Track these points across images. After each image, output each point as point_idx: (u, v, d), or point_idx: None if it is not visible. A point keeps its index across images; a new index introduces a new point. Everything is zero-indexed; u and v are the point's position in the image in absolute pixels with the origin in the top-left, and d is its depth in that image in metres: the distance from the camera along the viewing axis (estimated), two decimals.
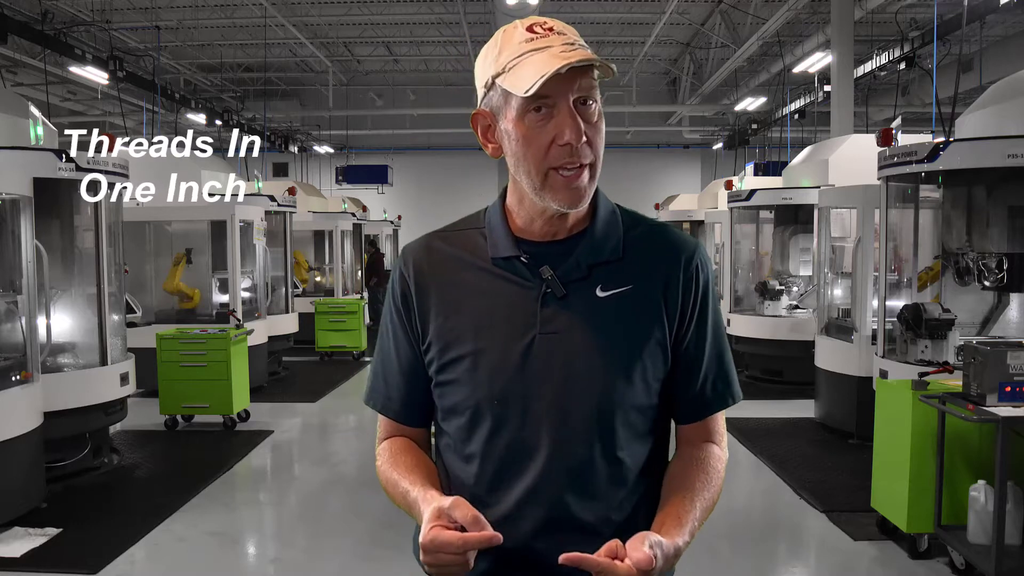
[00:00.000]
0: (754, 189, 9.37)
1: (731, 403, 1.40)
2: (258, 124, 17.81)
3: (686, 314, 1.33)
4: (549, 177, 1.25)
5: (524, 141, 1.24)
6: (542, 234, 1.33)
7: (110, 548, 4.46)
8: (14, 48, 11.81)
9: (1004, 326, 5.64)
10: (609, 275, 1.31)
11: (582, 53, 1.21)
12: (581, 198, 1.27)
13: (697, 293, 1.33)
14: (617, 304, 1.30)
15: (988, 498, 3.84)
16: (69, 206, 6.12)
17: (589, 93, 1.24)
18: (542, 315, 1.29)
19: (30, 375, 4.99)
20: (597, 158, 1.27)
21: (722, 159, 20.03)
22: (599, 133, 1.27)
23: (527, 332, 1.29)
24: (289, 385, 9.55)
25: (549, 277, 1.29)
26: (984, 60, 11.45)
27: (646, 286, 1.31)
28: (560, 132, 1.22)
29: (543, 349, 1.28)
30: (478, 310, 1.31)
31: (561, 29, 1.25)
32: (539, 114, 1.23)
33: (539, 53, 1.21)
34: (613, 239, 1.33)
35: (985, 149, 4.83)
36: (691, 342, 1.34)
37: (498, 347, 1.29)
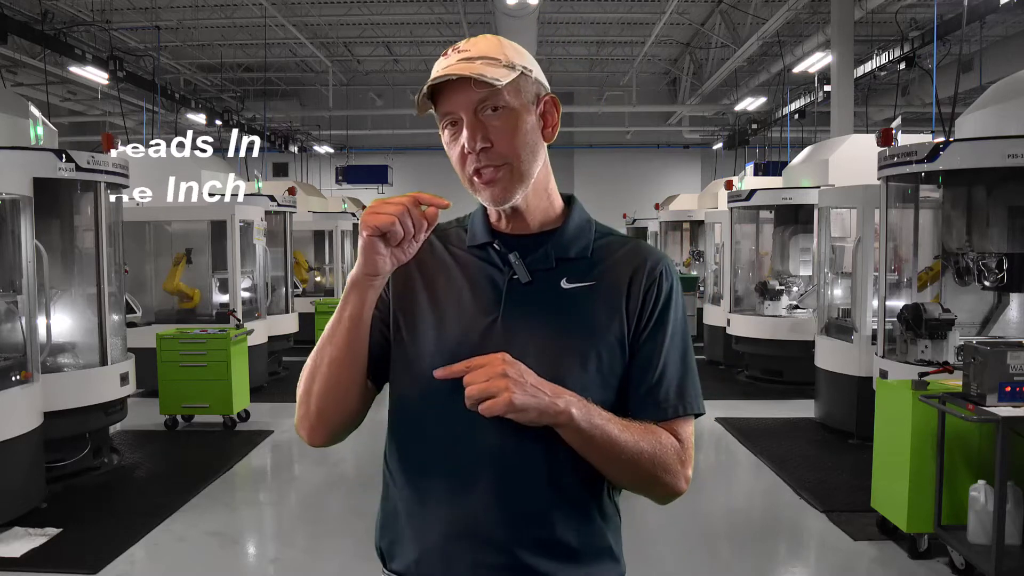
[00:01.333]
0: (754, 189, 9.38)
1: (684, 412, 1.38)
2: (258, 124, 17.81)
3: (644, 315, 1.37)
4: (472, 182, 1.36)
5: (449, 153, 1.37)
6: (513, 229, 1.41)
7: (110, 548, 4.46)
8: (14, 48, 11.81)
9: (1004, 326, 5.65)
10: (575, 270, 1.38)
11: (457, 67, 1.30)
12: (503, 195, 1.35)
13: (659, 298, 1.38)
14: (580, 296, 1.36)
15: (988, 498, 3.84)
16: (69, 206, 6.12)
17: (490, 100, 1.31)
18: (506, 299, 1.36)
19: (30, 375, 4.99)
20: (513, 156, 1.33)
21: (722, 159, 20.04)
22: (512, 135, 1.33)
23: (490, 313, 1.36)
24: (289, 385, 9.46)
25: (516, 263, 1.37)
26: (984, 60, 11.46)
27: (609, 284, 1.37)
28: (463, 143, 1.33)
29: (503, 330, 1.34)
30: (447, 289, 1.40)
31: (467, 47, 1.35)
32: (453, 128, 1.35)
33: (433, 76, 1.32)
34: (583, 241, 1.41)
35: (985, 149, 4.83)
36: (648, 343, 1.37)
37: (461, 324, 1.36)
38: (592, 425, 1.27)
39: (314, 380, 1.37)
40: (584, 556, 1.36)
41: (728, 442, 6.83)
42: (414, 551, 1.37)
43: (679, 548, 4.52)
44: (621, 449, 1.30)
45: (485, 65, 1.30)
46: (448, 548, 1.34)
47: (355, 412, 1.43)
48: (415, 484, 1.38)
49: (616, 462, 1.31)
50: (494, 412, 1.20)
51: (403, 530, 1.39)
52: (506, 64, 1.32)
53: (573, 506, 1.35)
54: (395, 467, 1.42)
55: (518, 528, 1.32)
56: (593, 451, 1.30)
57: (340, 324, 1.34)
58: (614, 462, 1.31)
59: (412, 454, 1.39)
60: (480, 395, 1.21)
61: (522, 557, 1.32)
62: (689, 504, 5.19)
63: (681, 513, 4.93)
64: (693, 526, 4.84)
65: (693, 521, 4.91)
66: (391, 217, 1.23)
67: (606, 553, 1.39)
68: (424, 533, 1.36)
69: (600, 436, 1.28)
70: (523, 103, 1.35)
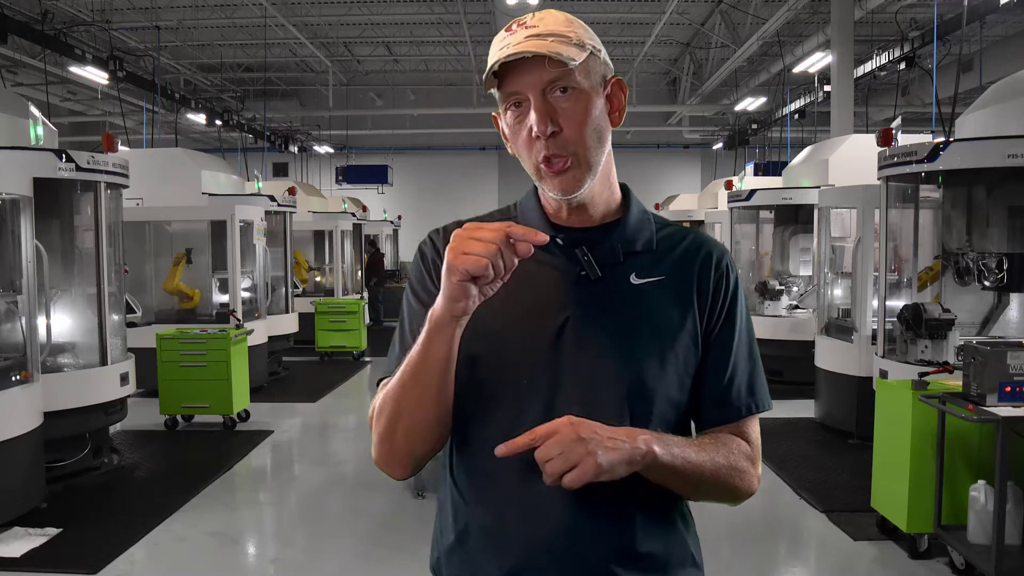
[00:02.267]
0: (754, 189, 9.38)
1: (756, 410, 1.34)
2: (258, 124, 17.81)
3: (715, 311, 1.32)
4: (539, 170, 1.26)
5: (511, 139, 1.28)
6: (573, 222, 1.32)
7: (110, 548, 4.46)
8: (14, 48, 11.81)
9: (1004, 326, 5.65)
10: (643, 265, 1.30)
11: (529, 44, 1.19)
12: (573, 186, 1.26)
13: (727, 292, 1.33)
14: (651, 292, 1.29)
15: (988, 498, 3.84)
16: (69, 206, 6.12)
17: (561, 80, 1.22)
18: (576, 297, 1.27)
19: (30, 375, 4.99)
20: (580, 144, 1.24)
21: (722, 159, 20.03)
22: (581, 120, 1.24)
23: (560, 313, 1.27)
24: (289, 385, 9.55)
25: (585, 259, 1.28)
26: (984, 60, 11.45)
27: (679, 278, 1.31)
28: (530, 126, 1.23)
29: (574, 331, 1.26)
30: (510, 289, 1.22)
31: (535, 21, 1.25)
32: (517, 110, 1.25)
33: (500, 52, 1.21)
34: (647, 232, 1.34)
35: (985, 149, 4.83)
36: (719, 341, 1.32)
37: (529, 327, 1.27)
38: (673, 456, 1.21)
39: (398, 420, 1.25)
40: (671, 565, 1.31)
41: None
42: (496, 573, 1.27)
43: None
44: (702, 471, 1.25)
45: (557, 43, 1.21)
46: (534, 568, 1.25)
47: (445, 438, 1.32)
48: (491, 503, 1.29)
49: (696, 484, 1.27)
50: (583, 482, 1.11)
51: (478, 552, 1.29)
52: (576, 42, 1.23)
53: (655, 515, 1.30)
54: (466, 485, 1.32)
55: (604, 542, 1.25)
56: (675, 479, 1.24)
57: (427, 366, 1.20)
58: (694, 484, 1.27)
59: (487, 473, 1.29)
60: (562, 469, 1.11)
61: (613, 570, 1.25)
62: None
63: None
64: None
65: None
66: (483, 260, 1.10)
67: (689, 560, 1.35)
68: (504, 554, 1.26)
69: (682, 464, 1.22)
70: (592, 85, 1.25)
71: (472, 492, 1.31)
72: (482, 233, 1.11)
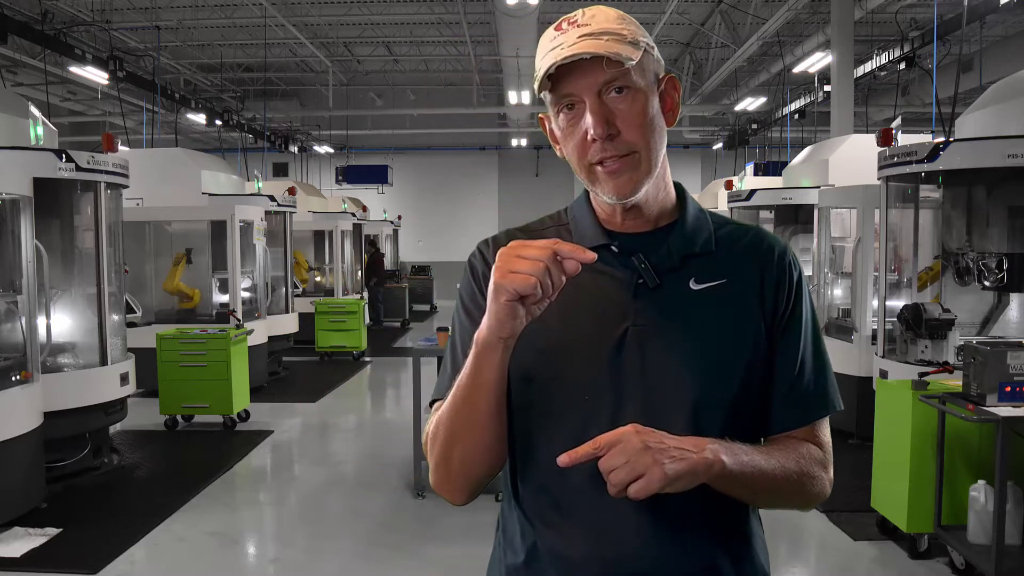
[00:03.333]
0: (754, 189, 9.37)
1: (832, 410, 1.29)
2: (258, 124, 17.81)
3: (779, 311, 1.26)
4: (592, 172, 1.22)
5: (564, 142, 1.24)
6: (628, 226, 1.28)
7: (110, 548, 4.46)
8: (14, 48, 11.81)
9: (1004, 326, 5.65)
10: (702, 268, 1.25)
11: (585, 45, 1.15)
12: (629, 188, 1.21)
13: (791, 290, 1.27)
14: (713, 298, 1.23)
15: (988, 498, 3.84)
16: (69, 206, 6.13)
17: (620, 80, 1.18)
18: (635, 306, 1.23)
19: (30, 375, 4.99)
20: (642, 145, 1.20)
21: (722, 159, 20.03)
22: (642, 119, 1.20)
23: (619, 324, 1.22)
24: (289, 385, 9.55)
25: (643, 266, 1.24)
26: (984, 60, 11.45)
27: (741, 280, 1.25)
28: (585, 129, 1.19)
29: (636, 342, 1.21)
30: (565, 301, 1.16)
31: (586, 19, 1.20)
32: (571, 112, 1.20)
33: (553, 52, 1.17)
34: (704, 233, 1.28)
35: (985, 149, 4.83)
36: (785, 341, 1.26)
37: (588, 340, 1.22)
38: (742, 464, 1.15)
39: (453, 446, 1.21)
40: None
41: None
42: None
43: None
44: (771, 479, 1.19)
45: (613, 42, 1.16)
46: None
47: (503, 459, 1.27)
48: (560, 524, 1.24)
49: (766, 492, 1.21)
50: (649, 492, 1.06)
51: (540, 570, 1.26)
52: (631, 40, 1.18)
53: (730, 529, 1.26)
54: (531, 506, 1.27)
55: (678, 563, 1.21)
56: (744, 489, 1.19)
57: (478, 389, 1.16)
58: (764, 492, 1.21)
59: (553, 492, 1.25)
60: (627, 479, 1.06)
61: None
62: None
63: None
64: None
65: None
66: (531, 279, 1.05)
67: (761, 572, 1.30)
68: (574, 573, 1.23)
69: (751, 473, 1.17)
70: (647, 83, 1.21)
71: (538, 513, 1.27)
72: (528, 251, 1.07)
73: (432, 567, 4.40)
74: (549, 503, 1.25)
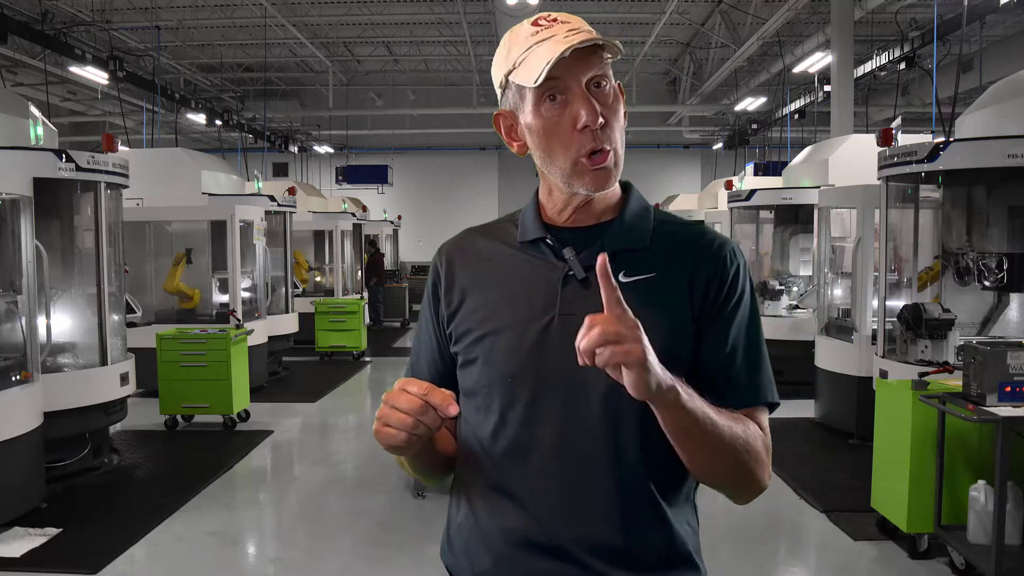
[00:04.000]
0: (754, 189, 9.38)
1: (763, 400, 1.31)
2: (258, 124, 17.81)
3: (711, 301, 1.30)
4: (577, 164, 1.26)
5: (546, 132, 1.27)
6: (570, 222, 1.34)
7: (110, 548, 4.46)
8: (14, 48, 11.81)
9: (1004, 326, 5.65)
10: (634, 262, 1.30)
11: (586, 35, 1.22)
12: (608, 180, 1.28)
13: (726, 284, 1.30)
14: (639, 290, 1.27)
15: (988, 498, 3.84)
16: (69, 206, 6.12)
17: (601, 75, 1.25)
18: (562, 296, 1.29)
19: (30, 375, 4.99)
20: (617, 140, 1.28)
21: (722, 159, 20.03)
22: (616, 115, 1.27)
23: (546, 313, 1.29)
24: (289, 385, 9.55)
25: (571, 258, 1.30)
26: (984, 60, 11.45)
27: (671, 274, 1.30)
28: (577, 117, 1.23)
29: (560, 330, 1.27)
30: (501, 291, 1.33)
31: (566, 18, 1.27)
32: (555, 102, 1.24)
33: (544, 43, 1.22)
34: (641, 229, 1.34)
35: (985, 149, 4.83)
36: (716, 330, 1.30)
37: (517, 326, 1.30)
38: (695, 402, 1.17)
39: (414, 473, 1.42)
40: (663, 565, 1.30)
41: None
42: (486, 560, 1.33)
43: None
44: (720, 434, 1.20)
45: (598, 35, 1.23)
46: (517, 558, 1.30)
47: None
48: (483, 494, 1.34)
49: (714, 449, 1.22)
50: (630, 359, 1.06)
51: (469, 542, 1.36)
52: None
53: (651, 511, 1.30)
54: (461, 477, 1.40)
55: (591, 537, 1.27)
56: (692, 437, 1.20)
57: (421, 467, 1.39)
58: (711, 449, 1.22)
59: (479, 464, 1.35)
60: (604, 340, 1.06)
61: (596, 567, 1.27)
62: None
63: None
64: None
65: None
66: (401, 435, 1.18)
67: (684, 561, 1.33)
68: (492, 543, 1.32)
69: (702, 416, 1.18)
70: (614, 82, 1.29)
71: (465, 483, 1.39)
72: (400, 402, 1.17)
73: (432, 567, 4.37)
74: (473, 476, 1.36)
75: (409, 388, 1.18)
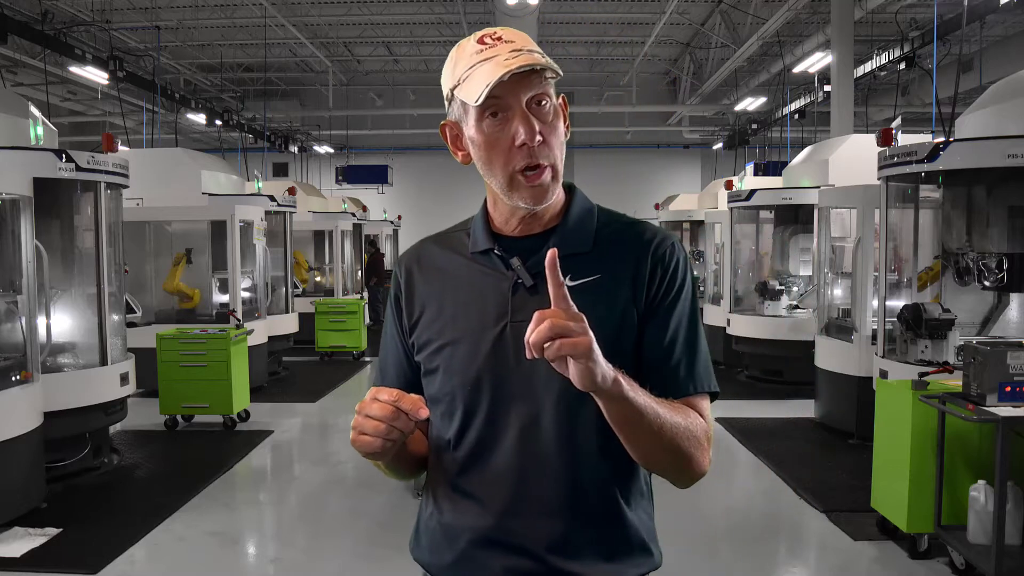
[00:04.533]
0: (754, 189, 9.37)
1: (701, 389, 1.37)
2: (258, 124, 17.81)
3: (652, 296, 1.36)
4: (514, 179, 1.32)
5: (486, 147, 1.32)
6: (518, 231, 1.40)
7: (110, 548, 4.46)
8: (14, 48, 11.81)
9: (1004, 326, 5.64)
10: (579, 266, 1.35)
11: (526, 58, 1.26)
12: (545, 196, 1.33)
13: (666, 278, 1.37)
14: (585, 293, 1.32)
15: (988, 498, 3.84)
16: (69, 206, 6.12)
17: (541, 94, 1.30)
18: (512, 304, 1.35)
19: (30, 375, 4.99)
20: (556, 157, 1.33)
21: (722, 159, 20.03)
22: (555, 132, 1.33)
23: (499, 321, 1.36)
24: (289, 385, 9.55)
25: (518, 267, 1.36)
26: (984, 60, 11.46)
27: (614, 275, 1.36)
28: (515, 134, 1.29)
29: (513, 337, 1.33)
30: (456, 302, 1.40)
31: (510, 37, 1.32)
32: (496, 119, 1.30)
33: (487, 63, 1.27)
34: (584, 233, 1.40)
35: (985, 149, 4.83)
36: (657, 322, 1.36)
37: (473, 336, 1.37)
38: (636, 393, 1.23)
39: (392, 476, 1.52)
40: (617, 555, 1.37)
41: (728, 442, 6.83)
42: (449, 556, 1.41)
43: (679, 548, 4.50)
44: (662, 423, 1.26)
45: (542, 59, 1.28)
46: (478, 556, 1.37)
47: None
48: (446, 494, 1.43)
49: (657, 438, 1.27)
50: (577, 351, 1.11)
51: (436, 540, 1.45)
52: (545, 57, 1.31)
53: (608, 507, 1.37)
54: (430, 476, 1.49)
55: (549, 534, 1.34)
56: (636, 427, 1.25)
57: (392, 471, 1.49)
58: (654, 438, 1.27)
59: (447, 465, 1.43)
60: (552, 333, 1.10)
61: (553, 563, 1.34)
62: (689, 504, 5.19)
63: (681, 513, 4.93)
64: (693, 526, 4.84)
65: (693, 521, 4.91)
66: (376, 442, 1.24)
67: (638, 548, 1.39)
68: (455, 541, 1.40)
69: (644, 406, 1.23)
70: (555, 100, 1.34)
71: (432, 482, 1.48)
72: (374, 410, 1.24)
73: None
74: (439, 476, 1.44)
75: (380, 396, 1.24)
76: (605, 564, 1.35)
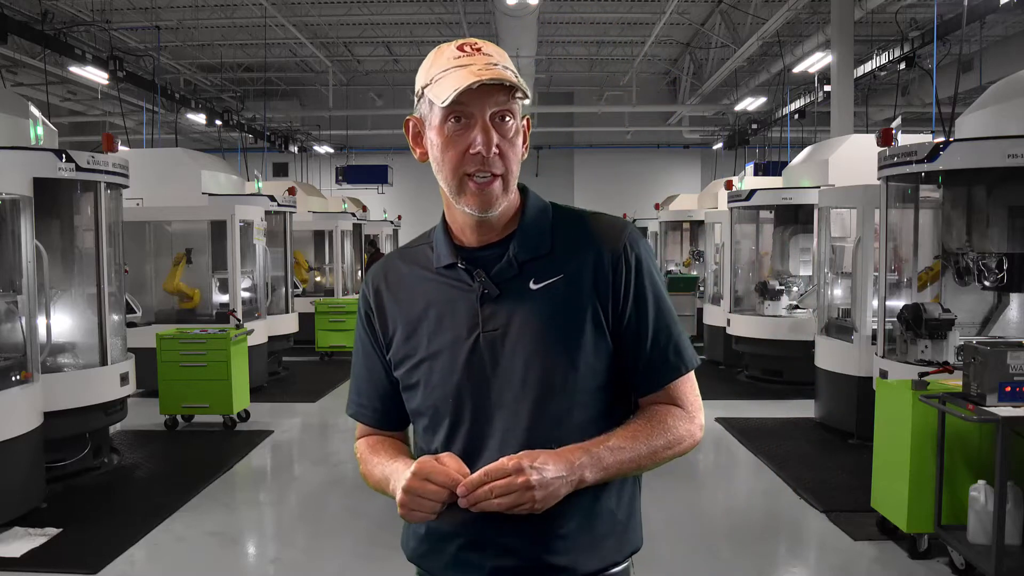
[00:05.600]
0: (754, 189, 9.38)
1: (684, 371, 1.44)
2: (258, 124, 17.80)
3: (620, 292, 1.39)
4: (463, 182, 1.36)
5: (443, 147, 1.36)
6: (477, 240, 1.43)
7: (110, 548, 4.46)
8: (14, 48, 11.81)
9: (1004, 326, 5.64)
10: (541, 269, 1.39)
11: (498, 73, 1.31)
12: (491, 205, 1.36)
13: (629, 270, 1.40)
14: (549, 294, 1.38)
15: (988, 498, 3.84)
16: (69, 206, 6.12)
17: (506, 110, 1.35)
18: (482, 314, 1.39)
19: (30, 375, 4.99)
20: (509, 170, 1.36)
21: (722, 159, 20.02)
22: (513, 148, 1.37)
23: (471, 332, 1.39)
24: (289, 385, 9.55)
25: (483, 279, 1.40)
26: (984, 60, 11.46)
27: (576, 273, 1.39)
28: (473, 142, 1.33)
29: (487, 346, 1.38)
30: (429, 317, 1.43)
31: (489, 51, 1.36)
32: (458, 124, 1.34)
33: (461, 69, 1.32)
34: (541, 236, 1.43)
35: (985, 149, 4.83)
36: (632, 317, 1.40)
37: (448, 349, 1.40)
38: (605, 467, 1.33)
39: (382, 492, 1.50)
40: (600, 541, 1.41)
41: (728, 442, 6.83)
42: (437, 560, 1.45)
43: (679, 548, 4.50)
44: (638, 460, 1.36)
45: (514, 76, 1.34)
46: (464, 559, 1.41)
47: None
48: None
49: (642, 467, 1.39)
50: (516, 510, 1.27)
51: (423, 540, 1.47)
52: (518, 77, 1.36)
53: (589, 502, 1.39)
54: None
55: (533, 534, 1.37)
56: (621, 472, 1.37)
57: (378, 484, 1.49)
58: (639, 466, 1.38)
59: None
60: (507, 510, 1.26)
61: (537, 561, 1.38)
62: (689, 504, 5.19)
63: (681, 513, 4.94)
64: (693, 526, 4.85)
65: (693, 521, 4.92)
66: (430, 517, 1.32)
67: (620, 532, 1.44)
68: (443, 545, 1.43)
69: (616, 467, 1.34)
70: (519, 119, 1.39)
71: None
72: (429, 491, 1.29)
73: None
74: None
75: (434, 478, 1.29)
76: (588, 552, 1.39)
